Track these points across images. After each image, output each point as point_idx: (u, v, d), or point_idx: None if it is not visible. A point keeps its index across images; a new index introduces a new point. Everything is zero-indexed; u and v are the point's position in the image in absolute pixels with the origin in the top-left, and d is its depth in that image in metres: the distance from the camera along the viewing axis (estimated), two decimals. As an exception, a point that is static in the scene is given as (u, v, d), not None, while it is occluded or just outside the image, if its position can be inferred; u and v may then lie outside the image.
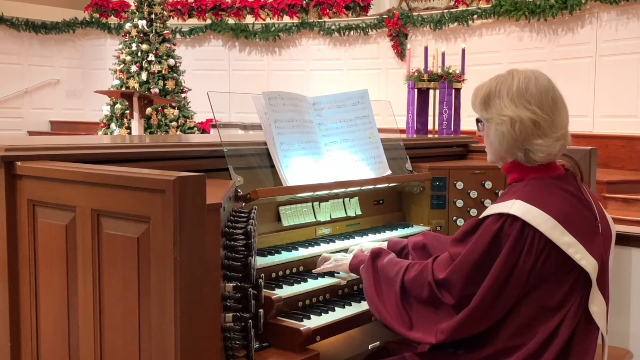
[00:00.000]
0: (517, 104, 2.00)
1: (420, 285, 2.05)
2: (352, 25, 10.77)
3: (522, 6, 8.87)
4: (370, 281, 2.23)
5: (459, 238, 2.05)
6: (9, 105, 11.81)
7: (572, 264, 1.95)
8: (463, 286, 1.97)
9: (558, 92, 2.05)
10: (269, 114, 2.65)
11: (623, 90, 7.98)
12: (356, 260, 2.40)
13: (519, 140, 2.01)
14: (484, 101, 2.08)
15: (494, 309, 1.96)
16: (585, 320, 1.99)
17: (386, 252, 2.30)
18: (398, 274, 2.12)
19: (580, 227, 1.98)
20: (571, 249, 1.93)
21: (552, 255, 1.92)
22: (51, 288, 1.94)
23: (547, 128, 2.00)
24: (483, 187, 3.23)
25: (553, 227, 1.92)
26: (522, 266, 1.92)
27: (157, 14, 9.30)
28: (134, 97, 7.13)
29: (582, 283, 1.97)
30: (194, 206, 1.61)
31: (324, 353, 2.23)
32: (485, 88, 2.09)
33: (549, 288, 1.95)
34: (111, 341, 1.78)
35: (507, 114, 2.00)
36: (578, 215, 2.00)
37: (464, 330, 1.99)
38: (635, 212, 6.16)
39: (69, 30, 12.20)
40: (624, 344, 3.27)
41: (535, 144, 2.00)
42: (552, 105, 2.01)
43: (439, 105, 4.40)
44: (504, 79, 2.06)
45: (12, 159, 1.98)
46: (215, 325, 1.83)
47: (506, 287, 1.93)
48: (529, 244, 1.91)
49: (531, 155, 2.02)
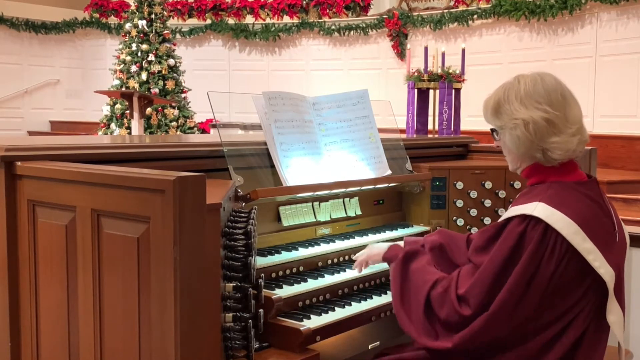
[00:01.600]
0: (528, 105, 1.99)
1: (442, 303, 2.01)
2: (352, 25, 10.77)
3: (522, 6, 8.87)
4: (397, 283, 2.19)
5: (482, 245, 2.00)
6: (9, 105, 11.81)
7: (590, 271, 1.92)
8: (485, 295, 1.92)
9: (567, 89, 2.04)
10: (269, 114, 2.65)
11: (623, 90, 7.98)
12: (391, 253, 2.35)
13: (535, 141, 2.00)
14: (494, 110, 2.07)
15: (513, 315, 1.91)
16: (594, 329, 1.97)
17: (421, 254, 2.24)
18: (425, 285, 2.08)
19: (600, 234, 1.95)
20: (591, 256, 1.90)
21: (572, 261, 1.90)
22: (51, 288, 1.94)
23: (561, 125, 1.99)
24: (483, 187, 3.23)
25: (575, 232, 1.89)
26: (544, 271, 1.88)
27: (157, 14, 9.30)
28: (134, 97, 7.13)
29: (594, 290, 1.95)
30: (194, 206, 1.61)
31: (324, 353, 2.23)
32: (493, 98, 2.09)
33: (563, 295, 1.92)
34: (111, 341, 1.78)
35: (519, 117, 1.99)
36: (598, 222, 1.98)
37: (482, 336, 1.94)
38: (635, 212, 6.16)
39: (69, 30, 12.20)
40: (624, 344, 3.26)
41: (552, 142, 1.99)
42: (562, 101, 2.00)
43: (439, 105, 4.41)
44: (511, 85, 2.06)
45: (12, 159, 1.98)
46: (215, 325, 1.83)
47: (527, 293, 1.89)
48: (551, 248, 1.88)
49: (550, 154, 2.01)
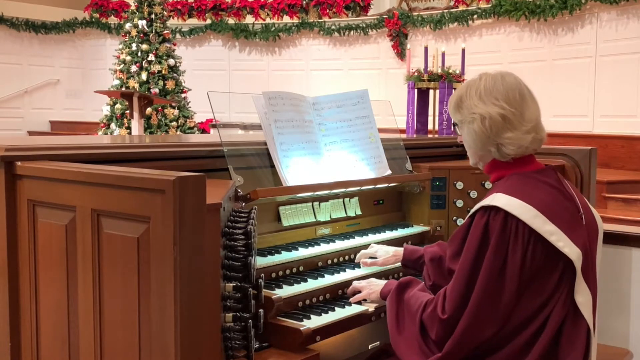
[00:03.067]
0: (486, 101, 2.09)
1: (432, 321, 2.04)
2: (352, 25, 10.78)
3: (522, 6, 8.87)
4: (392, 313, 2.22)
5: (455, 250, 2.08)
6: (9, 105, 11.82)
7: (558, 254, 1.98)
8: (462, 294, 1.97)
9: (526, 88, 2.14)
10: (269, 114, 2.65)
11: (623, 90, 7.98)
12: (387, 288, 2.37)
13: (491, 136, 2.09)
14: (456, 105, 2.19)
15: (495, 309, 1.95)
16: (574, 311, 2.01)
17: (415, 283, 2.27)
18: (418, 310, 2.11)
19: (562, 216, 2.01)
20: (553, 237, 1.96)
21: (538, 245, 1.96)
22: (51, 288, 1.94)
23: (516, 121, 2.08)
24: (483, 187, 3.23)
25: (534, 217, 1.96)
26: (513, 258, 1.94)
27: (157, 14, 9.31)
28: (134, 97, 7.14)
29: (570, 273, 2.00)
30: (194, 206, 1.61)
31: (324, 353, 2.23)
32: (457, 93, 2.21)
33: (541, 281, 1.98)
34: (111, 341, 1.77)
35: (476, 111, 2.10)
36: (559, 205, 2.05)
37: (469, 339, 1.97)
38: (635, 212, 6.16)
39: (69, 30, 12.21)
40: (624, 344, 3.27)
41: (506, 137, 2.08)
42: (519, 99, 2.09)
43: (439, 105, 4.41)
44: (473, 82, 2.17)
45: (12, 159, 1.98)
46: (215, 325, 1.83)
47: (503, 284, 1.94)
48: (514, 235, 1.95)
49: (503, 149, 2.10)
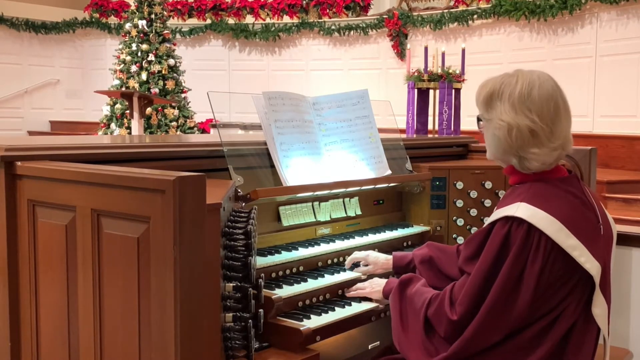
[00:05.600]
0: (517, 110, 1.96)
1: (439, 320, 2.02)
2: (352, 25, 10.77)
3: (522, 6, 8.87)
4: (396, 310, 2.20)
5: (471, 253, 2.01)
6: (9, 105, 11.81)
7: (576, 268, 1.92)
8: (475, 300, 1.93)
9: (562, 99, 2.00)
10: (269, 114, 2.65)
11: (623, 90, 7.98)
12: (389, 286, 2.36)
13: (514, 147, 1.99)
14: (485, 101, 2.05)
15: (505, 318, 1.91)
16: (583, 321, 1.97)
17: (416, 279, 2.25)
18: (422, 307, 2.08)
19: (584, 229, 1.95)
20: (576, 252, 1.90)
21: (558, 258, 1.90)
22: (51, 288, 1.94)
23: (545, 138, 1.96)
24: (483, 187, 3.23)
25: (558, 230, 1.89)
26: (530, 270, 1.88)
27: (157, 14, 9.30)
28: (134, 97, 7.13)
29: (583, 285, 1.96)
30: (194, 206, 1.61)
31: (324, 353, 2.23)
32: (489, 86, 2.05)
33: (553, 291, 1.92)
34: (111, 341, 1.77)
35: (505, 119, 1.97)
36: (581, 217, 1.97)
37: (476, 342, 1.94)
38: (635, 212, 6.16)
39: (69, 30, 12.20)
40: (624, 344, 3.27)
41: (531, 152, 1.97)
42: (553, 114, 1.97)
43: (439, 105, 4.40)
44: (509, 81, 2.02)
45: (12, 159, 1.98)
46: (215, 325, 1.83)
47: (517, 294, 1.89)
48: (535, 247, 1.88)
49: (525, 163, 2.00)
